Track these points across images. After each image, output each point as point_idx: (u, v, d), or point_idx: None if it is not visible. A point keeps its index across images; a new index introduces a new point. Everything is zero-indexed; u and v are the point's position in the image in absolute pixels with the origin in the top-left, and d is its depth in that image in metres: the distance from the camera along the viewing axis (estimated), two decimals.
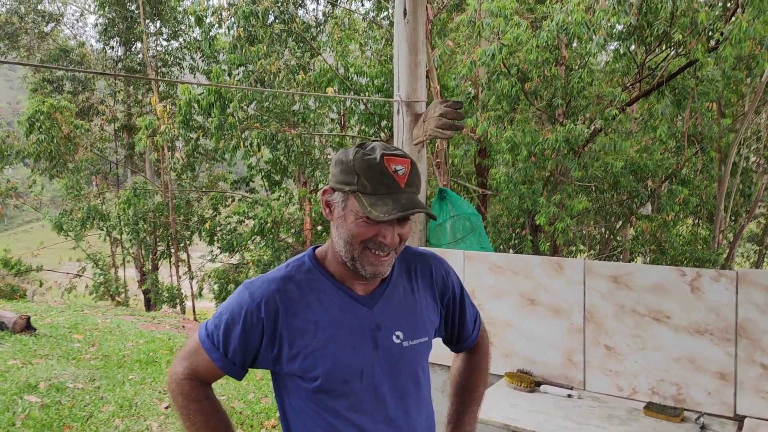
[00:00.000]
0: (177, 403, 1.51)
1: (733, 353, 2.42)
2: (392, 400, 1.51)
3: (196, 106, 10.28)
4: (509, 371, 2.87)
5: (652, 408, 2.50)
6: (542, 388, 2.78)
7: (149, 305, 14.14)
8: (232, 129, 10.24)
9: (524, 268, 2.89)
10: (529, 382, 2.77)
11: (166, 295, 13.84)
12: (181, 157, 13.63)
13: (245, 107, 11.05)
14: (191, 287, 14.63)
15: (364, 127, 11.08)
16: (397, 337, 1.51)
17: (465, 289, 1.75)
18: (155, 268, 15.54)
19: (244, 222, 12.48)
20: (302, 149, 11.80)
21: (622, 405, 2.60)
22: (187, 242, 15.56)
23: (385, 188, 1.38)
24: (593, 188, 9.42)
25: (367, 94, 10.21)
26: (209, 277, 13.45)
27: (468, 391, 1.82)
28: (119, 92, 16.62)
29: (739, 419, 2.40)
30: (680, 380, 2.53)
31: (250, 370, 1.54)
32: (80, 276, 15.38)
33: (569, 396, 2.69)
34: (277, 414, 4.65)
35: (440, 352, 1.84)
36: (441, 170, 8.72)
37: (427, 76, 7.86)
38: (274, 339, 1.44)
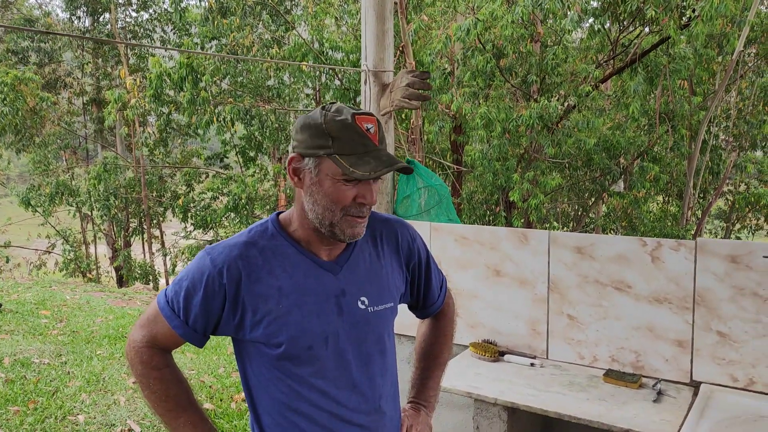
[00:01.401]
0: (136, 371, 1.48)
1: (690, 321, 2.47)
2: (357, 366, 1.50)
3: (167, 79, 10.10)
4: (474, 341, 2.89)
5: (611, 375, 2.54)
6: (506, 357, 2.80)
7: (121, 282, 14.00)
8: (205, 104, 10.09)
9: (490, 239, 2.89)
10: (493, 351, 2.80)
11: (139, 271, 13.71)
12: (153, 132, 13.42)
13: (218, 82, 10.89)
14: (164, 264, 14.51)
15: (339, 101, 11.00)
16: (362, 302, 1.51)
17: (431, 255, 1.75)
18: (127, 244, 15.37)
19: (218, 198, 12.38)
20: (277, 125, 11.69)
21: (583, 372, 2.64)
22: (161, 219, 15.40)
23: (363, 147, 1.37)
24: (566, 165, 9.49)
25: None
26: (183, 253, 13.35)
27: (432, 356, 1.83)
28: (87, 64, 16.24)
29: (695, 385, 2.46)
30: (639, 348, 2.57)
31: (219, 342, 1.52)
32: (50, 252, 15.15)
33: (532, 365, 2.72)
34: None
35: (407, 322, 1.84)
36: (416, 146, 8.71)
37: (403, 51, 7.81)
38: (236, 305, 1.41)
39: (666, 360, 2.53)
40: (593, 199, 10.81)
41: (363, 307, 1.51)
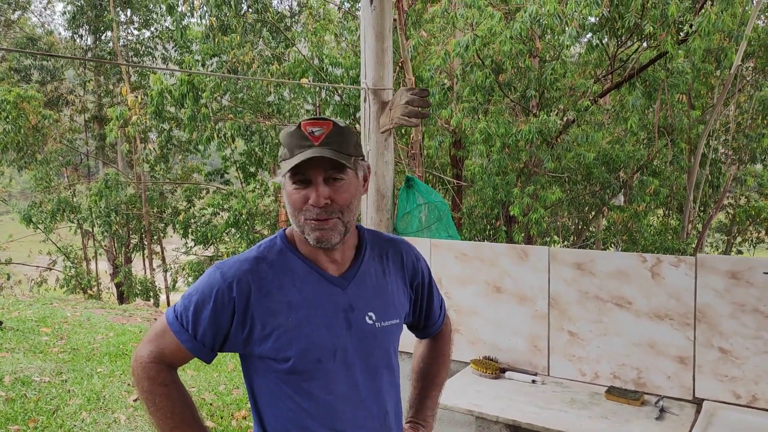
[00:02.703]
0: (142, 387, 1.49)
1: (692, 337, 2.46)
2: (364, 380, 1.52)
3: (168, 96, 10.16)
4: (475, 358, 2.89)
5: (613, 392, 2.53)
6: (507, 374, 2.79)
7: (122, 298, 13.97)
8: (206, 120, 10.13)
9: (490, 255, 2.90)
10: (494, 368, 2.79)
11: (140, 288, 13.68)
12: (154, 149, 13.44)
13: (219, 98, 10.95)
14: (165, 280, 14.48)
15: (339, 118, 11.04)
16: (370, 318, 1.52)
17: (432, 276, 1.77)
18: (128, 260, 15.35)
19: (218, 214, 12.38)
20: (277, 141, 11.71)
21: (584, 389, 2.63)
22: (161, 234, 15.39)
23: (299, 148, 1.41)
24: (566, 179, 9.50)
25: (341, 82, 10.16)
26: (183, 269, 13.33)
27: (431, 376, 1.84)
28: (89, 82, 16.32)
29: (698, 402, 2.44)
30: (641, 364, 2.57)
31: (220, 359, 1.53)
32: (51, 269, 15.14)
33: (533, 382, 2.71)
34: (248, 405, 4.61)
35: (405, 339, 1.85)
36: (416, 161, 8.74)
37: (402, 68, 7.86)
38: (245, 319, 1.43)
39: (668, 377, 2.52)
40: (593, 213, 10.81)
41: (371, 322, 1.52)
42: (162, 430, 1.50)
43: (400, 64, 7.84)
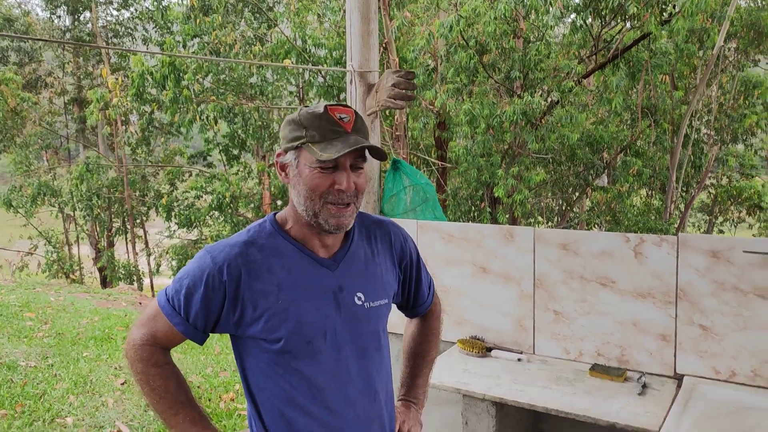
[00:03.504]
0: (135, 369, 1.51)
1: (673, 315, 2.51)
2: (354, 360, 1.55)
3: (149, 78, 10.02)
4: (462, 338, 2.92)
5: (597, 369, 2.58)
6: (493, 353, 2.83)
7: (105, 283, 13.89)
8: (188, 102, 10.02)
9: (476, 236, 2.92)
10: (480, 347, 2.82)
11: (123, 272, 13.60)
12: (136, 131, 13.30)
13: (201, 80, 10.82)
14: (149, 264, 14.40)
15: (322, 99, 10.97)
16: (359, 298, 1.55)
17: (420, 256, 1.79)
18: (111, 245, 15.24)
19: (201, 197, 12.30)
20: (260, 123, 11.64)
21: (569, 367, 2.68)
22: (144, 218, 15.28)
23: (333, 134, 1.43)
24: (550, 160, 9.55)
25: (325, 65, 10.09)
26: (167, 253, 13.27)
27: (421, 355, 1.88)
28: (68, 64, 16.05)
29: (679, 378, 2.50)
30: (624, 342, 2.61)
31: (207, 343, 1.55)
32: (32, 254, 14.98)
33: (519, 360, 2.76)
34: (236, 387, 4.63)
35: (394, 321, 1.87)
36: (400, 143, 8.73)
37: (386, 49, 7.82)
38: (236, 302, 1.45)
39: (650, 354, 2.57)
40: (577, 194, 10.88)
41: (359, 302, 1.55)
42: (157, 411, 1.53)
43: (384, 45, 7.79)
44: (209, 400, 4.42)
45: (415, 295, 1.80)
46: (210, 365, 5.16)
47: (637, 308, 2.58)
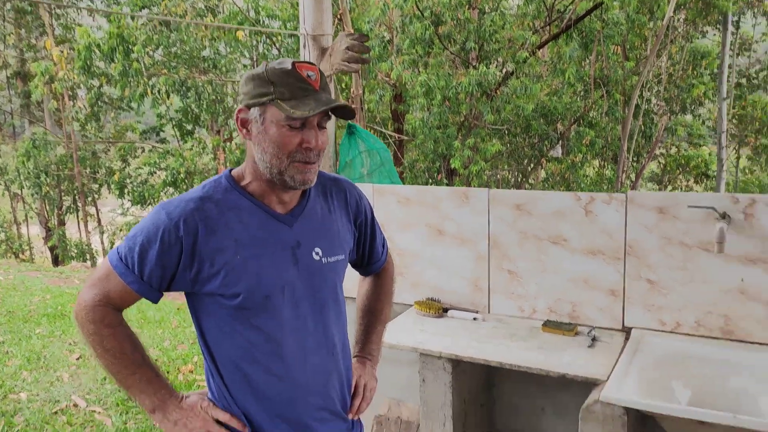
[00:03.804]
0: (87, 331, 1.48)
1: (622, 271, 2.59)
2: (312, 314, 1.56)
3: (96, 50, 9.71)
4: (418, 300, 2.96)
5: (549, 325, 2.65)
6: (449, 313, 2.88)
7: (57, 262, 13.53)
8: (138, 75, 9.75)
9: (432, 199, 2.94)
10: (437, 308, 2.87)
11: (75, 251, 13.28)
12: (84, 106, 12.89)
13: (151, 52, 10.53)
14: (102, 242, 14.09)
15: (285, 56, 10.81)
16: (317, 253, 1.56)
17: (375, 216, 1.81)
18: (61, 223, 14.81)
19: (155, 173, 12.06)
20: (214, 97, 11.42)
21: (523, 324, 2.74)
22: (96, 196, 14.90)
23: (303, 91, 1.41)
24: (506, 132, 9.65)
25: (279, 38, 9.94)
26: (121, 231, 12.99)
27: (375, 312, 1.90)
28: (9, 35, 15.39)
29: (627, 330, 2.59)
30: (575, 299, 2.69)
31: (164, 316, 1.53)
32: None
33: (474, 319, 2.81)
34: (194, 359, 4.59)
35: (348, 285, 1.90)
36: (357, 116, 8.69)
37: (341, 20, 7.73)
38: (193, 258, 1.43)
39: (600, 309, 2.65)
40: (532, 165, 11.05)
41: (317, 258, 1.56)
42: (112, 372, 1.50)
43: (338, 17, 7.70)
44: (168, 372, 4.38)
45: (370, 252, 1.82)
46: (167, 338, 5.11)
47: (587, 265, 2.65)
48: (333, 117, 1.53)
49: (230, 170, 1.57)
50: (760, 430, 1.89)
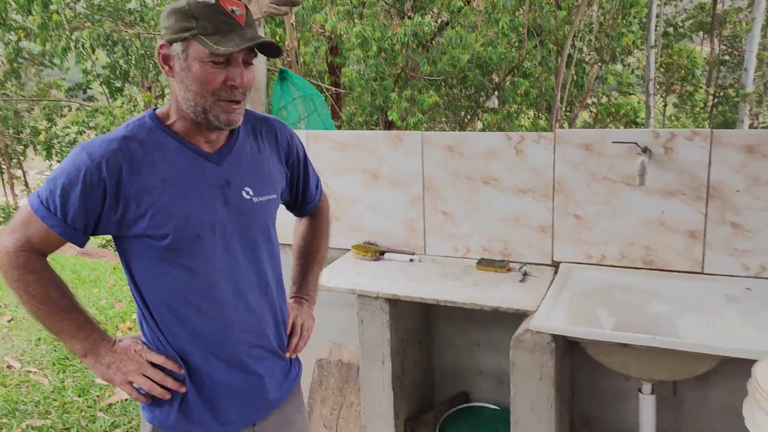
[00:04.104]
0: (11, 277, 1.43)
1: (551, 208, 2.67)
2: (244, 253, 1.55)
3: (11, 2, 9.15)
4: (355, 244, 2.98)
5: (483, 263, 2.72)
6: (386, 256, 2.92)
7: None
8: (59, 29, 9.25)
9: (367, 143, 2.95)
10: (374, 251, 2.90)
11: (2, 214, 12.72)
12: (3, 63, 12.18)
13: (72, 4, 9.98)
14: None
15: None
16: (247, 192, 1.54)
17: (307, 155, 1.80)
18: None
19: (84, 132, 11.59)
20: (143, 51, 10.96)
21: (458, 264, 2.81)
22: (21, 158, 14.24)
23: (227, 26, 1.38)
24: (442, 83, 9.66)
25: None
26: None
27: (312, 253, 1.90)
28: None
29: (556, 265, 2.69)
30: (507, 237, 2.77)
31: (99, 275, 1.49)
32: None
33: (411, 261, 2.86)
34: (132, 316, 4.53)
35: (287, 232, 1.90)
36: (292, 70, 8.53)
37: None
38: (118, 199, 1.40)
39: (531, 245, 2.74)
40: (469, 117, 11.14)
41: (248, 197, 1.54)
42: (39, 319, 1.47)
43: None
44: (106, 330, 4.31)
45: (304, 192, 1.82)
46: (104, 297, 5.01)
47: (518, 204, 2.73)
48: (263, 58, 1.51)
49: (154, 109, 1.53)
50: (676, 349, 2.02)
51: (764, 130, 8.37)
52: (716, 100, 11.26)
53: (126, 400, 3.42)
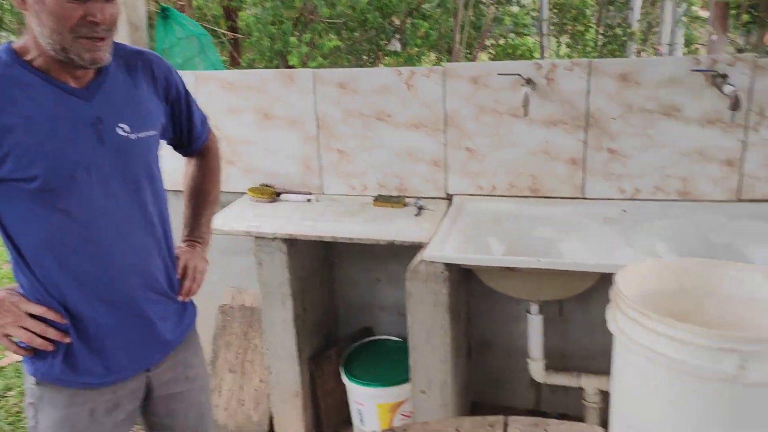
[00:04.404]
0: None
1: (443, 142, 2.72)
2: (125, 193, 1.49)
3: None
4: (251, 186, 2.94)
5: (379, 199, 2.75)
6: (283, 197, 2.90)
7: None
8: None
9: (257, 83, 2.87)
10: (270, 193, 2.87)
11: None
12: None
13: None
14: None
15: None
16: (123, 129, 1.47)
17: (189, 91, 1.74)
18: None
19: None
20: None
21: (355, 201, 2.83)
22: None
23: None
24: (343, 26, 9.50)
25: None
26: None
27: (203, 194, 1.85)
28: None
29: (449, 197, 2.76)
30: (402, 172, 2.80)
31: None
32: None
33: (308, 200, 2.85)
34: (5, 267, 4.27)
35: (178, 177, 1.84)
36: (185, 14, 8.12)
37: None
38: None
39: (425, 180, 2.79)
40: (371, 60, 11.05)
41: (124, 134, 1.47)
42: None
43: None
44: None
45: (189, 130, 1.76)
46: None
47: (411, 139, 2.75)
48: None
49: (9, 43, 1.42)
50: (559, 269, 2.14)
51: (637, 58, 8.82)
52: (605, 39, 11.69)
53: (20, 361, 3.27)
